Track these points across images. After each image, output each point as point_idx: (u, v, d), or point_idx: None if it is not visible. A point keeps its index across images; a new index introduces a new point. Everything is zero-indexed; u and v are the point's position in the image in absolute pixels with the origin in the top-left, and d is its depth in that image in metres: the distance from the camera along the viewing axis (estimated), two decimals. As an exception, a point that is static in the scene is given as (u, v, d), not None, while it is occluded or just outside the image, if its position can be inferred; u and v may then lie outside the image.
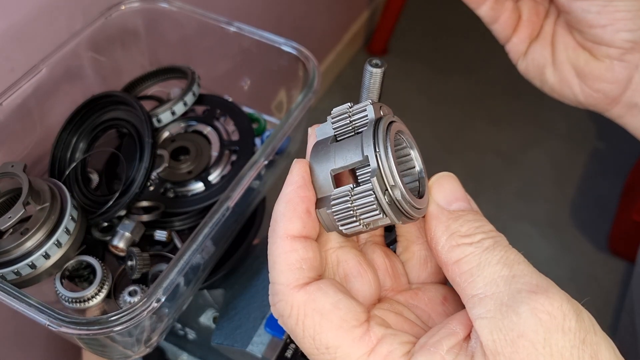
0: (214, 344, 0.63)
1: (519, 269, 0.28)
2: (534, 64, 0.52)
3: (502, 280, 0.28)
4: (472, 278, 0.29)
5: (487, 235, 0.30)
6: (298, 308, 0.29)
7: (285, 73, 0.71)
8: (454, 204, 0.32)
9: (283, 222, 0.31)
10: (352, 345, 0.29)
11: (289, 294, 0.30)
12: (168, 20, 0.73)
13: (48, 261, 0.54)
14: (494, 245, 0.29)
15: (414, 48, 2.13)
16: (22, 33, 0.70)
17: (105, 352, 0.58)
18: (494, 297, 0.27)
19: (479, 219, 0.31)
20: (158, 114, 0.66)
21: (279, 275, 0.30)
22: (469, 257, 0.29)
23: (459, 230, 0.30)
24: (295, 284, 0.30)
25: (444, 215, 0.31)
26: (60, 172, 0.65)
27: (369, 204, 0.31)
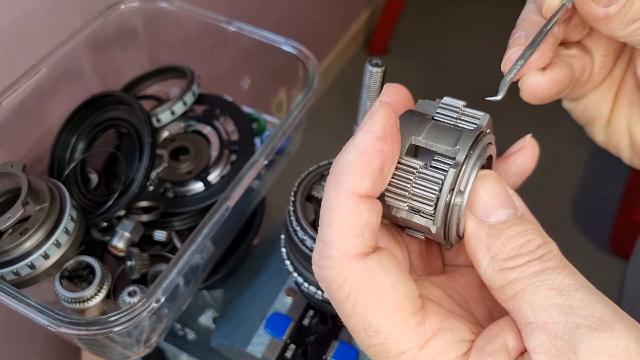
0: (214, 345, 0.63)
1: (576, 297, 0.25)
2: (584, 113, 0.42)
3: (555, 309, 0.25)
4: (519, 304, 0.26)
5: (533, 255, 0.27)
6: (353, 282, 0.26)
7: (285, 73, 0.71)
8: (494, 215, 0.28)
9: (352, 176, 0.27)
10: (405, 335, 0.26)
11: (345, 263, 0.26)
12: (168, 19, 0.73)
13: (47, 261, 0.54)
14: (542, 269, 0.26)
15: (414, 48, 2.13)
16: (22, 32, 0.70)
17: (105, 352, 0.58)
18: (546, 327, 0.25)
19: (524, 231, 0.28)
20: (157, 113, 0.66)
21: (336, 239, 0.26)
22: (513, 282, 0.26)
23: (501, 252, 0.27)
24: (354, 253, 0.26)
25: (483, 232, 0.28)
26: (60, 172, 0.65)
27: (429, 190, 0.28)
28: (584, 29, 0.37)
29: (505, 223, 0.28)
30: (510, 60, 0.34)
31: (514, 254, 0.27)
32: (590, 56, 0.38)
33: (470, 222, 0.29)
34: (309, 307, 0.61)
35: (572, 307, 0.25)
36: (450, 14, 2.24)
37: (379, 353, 0.26)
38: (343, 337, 0.59)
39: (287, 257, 0.55)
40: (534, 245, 0.27)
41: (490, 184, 0.29)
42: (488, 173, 0.30)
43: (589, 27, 0.37)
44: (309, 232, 0.49)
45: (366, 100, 0.37)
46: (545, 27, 0.33)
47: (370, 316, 0.26)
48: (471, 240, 0.28)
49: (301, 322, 0.60)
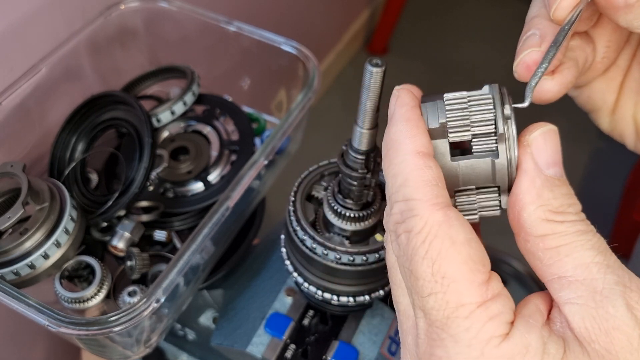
0: (214, 345, 0.63)
1: (612, 259, 0.27)
2: (589, 101, 0.42)
3: (596, 267, 0.27)
4: (560, 257, 0.28)
5: (579, 217, 0.29)
6: (432, 226, 0.28)
7: (285, 73, 0.71)
8: (552, 169, 0.30)
9: (409, 138, 0.30)
10: (469, 287, 0.27)
11: (426, 210, 0.28)
12: (168, 19, 0.73)
13: (47, 261, 0.54)
14: (586, 230, 0.28)
15: (414, 48, 2.13)
16: (22, 32, 0.70)
17: (105, 352, 0.58)
18: (585, 282, 0.27)
19: (572, 194, 0.29)
20: (157, 113, 0.66)
21: (415, 191, 0.28)
22: (558, 235, 0.28)
23: (551, 204, 0.29)
24: (434, 200, 0.28)
25: (539, 179, 0.29)
26: (60, 172, 0.65)
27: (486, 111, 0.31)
28: (591, 21, 0.37)
29: (559, 179, 0.29)
30: (525, 62, 0.33)
31: (562, 210, 0.28)
32: (593, 45, 0.38)
33: (530, 164, 0.30)
34: (309, 307, 0.61)
35: (610, 266, 0.27)
36: (450, 14, 2.24)
37: (438, 303, 0.27)
38: (343, 337, 0.59)
39: (287, 257, 0.55)
40: (577, 209, 0.29)
41: (555, 139, 0.31)
42: (553, 128, 0.31)
43: (596, 18, 0.37)
44: (309, 232, 0.50)
45: (366, 100, 0.37)
46: (567, 25, 0.32)
47: (440, 259, 0.27)
48: (525, 182, 0.29)
49: (301, 322, 0.60)
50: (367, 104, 0.37)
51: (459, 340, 0.27)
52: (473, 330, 0.27)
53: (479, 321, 0.27)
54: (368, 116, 0.38)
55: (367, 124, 0.39)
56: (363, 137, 0.40)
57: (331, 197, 0.48)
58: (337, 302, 0.53)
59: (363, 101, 0.37)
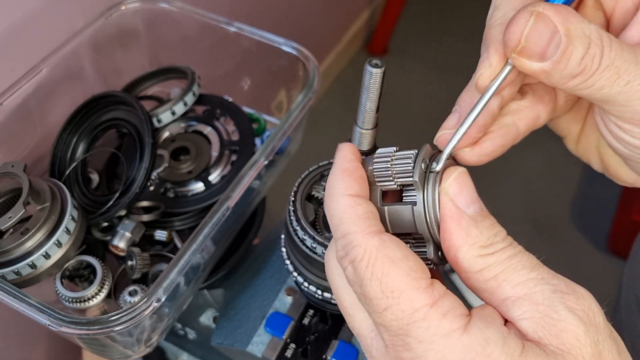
0: (214, 344, 0.63)
1: (544, 271, 0.30)
2: (556, 129, 0.44)
3: (532, 282, 0.30)
4: (499, 283, 0.30)
5: (505, 243, 0.31)
6: (371, 251, 0.31)
7: (285, 73, 0.71)
8: (471, 207, 0.32)
9: (342, 184, 0.33)
10: (416, 293, 0.30)
11: (363, 239, 0.31)
12: (168, 20, 0.74)
13: (48, 261, 0.54)
14: (515, 253, 0.31)
15: (414, 48, 2.13)
16: (23, 33, 0.70)
17: (106, 351, 0.58)
18: (526, 298, 0.30)
19: (494, 224, 0.32)
20: (158, 114, 0.66)
21: (350, 226, 0.32)
22: (492, 265, 0.31)
23: (480, 240, 0.31)
24: (369, 230, 0.31)
25: (464, 220, 0.32)
26: (61, 172, 0.65)
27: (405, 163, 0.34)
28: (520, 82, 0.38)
29: (480, 215, 0.32)
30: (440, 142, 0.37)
31: (489, 242, 0.31)
32: (550, 96, 0.39)
33: (453, 209, 0.32)
34: (309, 306, 0.61)
35: (544, 278, 0.30)
36: (450, 15, 2.25)
37: (394, 314, 0.30)
38: (343, 337, 0.59)
39: (287, 257, 0.55)
40: (502, 236, 0.32)
41: (467, 179, 0.33)
42: (462, 170, 0.34)
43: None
44: (309, 232, 0.50)
45: (366, 101, 0.37)
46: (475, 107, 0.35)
47: (385, 277, 0.30)
48: (452, 224, 0.32)
49: (301, 321, 0.60)
50: (366, 105, 0.37)
51: (422, 339, 0.29)
52: (432, 328, 0.29)
53: (435, 318, 0.29)
54: (368, 116, 0.38)
55: (366, 124, 0.39)
56: (363, 138, 0.40)
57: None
58: (337, 301, 0.53)
59: (363, 102, 0.37)
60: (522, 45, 0.31)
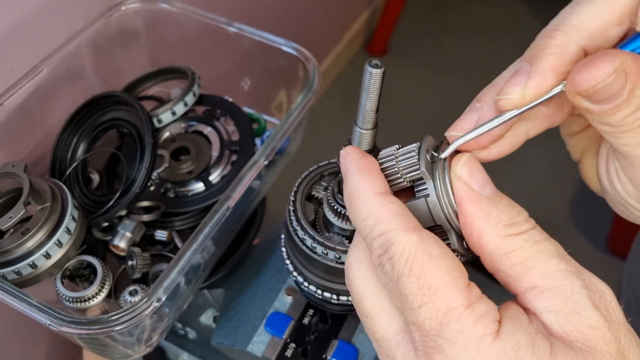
0: (214, 344, 0.63)
1: (572, 263, 0.30)
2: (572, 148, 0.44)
3: (562, 275, 0.29)
4: (527, 270, 0.30)
5: (530, 224, 0.31)
6: (410, 247, 0.30)
7: (285, 73, 0.71)
8: (487, 188, 0.32)
9: (367, 184, 0.33)
10: (454, 292, 0.29)
11: (402, 235, 0.30)
12: (168, 20, 0.74)
13: (49, 261, 0.54)
14: (543, 238, 0.30)
15: (414, 48, 2.13)
16: (23, 33, 0.70)
17: (106, 351, 0.58)
18: (556, 290, 0.29)
19: (513, 204, 0.31)
20: (158, 114, 0.67)
21: (388, 225, 0.31)
22: (520, 249, 0.30)
23: (502, 219, 0.31)
24: (407, 226, 0.31)
25: (482, 201, 0.31)
26: (61, 172, 0.65)
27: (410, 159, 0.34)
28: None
29: (498, 195, 0.32)
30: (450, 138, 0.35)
31: (513, 221, 0.30)
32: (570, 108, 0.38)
33: (468, 192, 0.32)
34: (309, 306, 0.61)
35: (573, 271, 0.29)
36: (450, 14, 2.25)
37: (429, 312, 0.29)
38: (343, 336, 0.59)
39: (287, 257, 0.55)
40: (525, 216, 0.31)
41: (476, 163, 0.33)
42: (470, 155, 0.34)
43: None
44: (309, 232, 0.50)
45: (366, 101, 0.37)
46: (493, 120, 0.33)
47: (424, 273, 0.29)
48: (470, 207, 0.31)
49: (301, 321, 0.60)
50: (366, 105, 0.37)
51: (455, 342, 0.28)
52: (466, 331, 0.28)
53: (469, 321, 0.28)
54: (368, 117, 0.38)
55: (366, 124, 0.39)
56: (363, 138, 0.40)
57: (331, 197, 0.48)
58: (337, 301, 0.53)
59: (362, 102, 0.37)
60: (590, 92, 0.30)
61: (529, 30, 0.50)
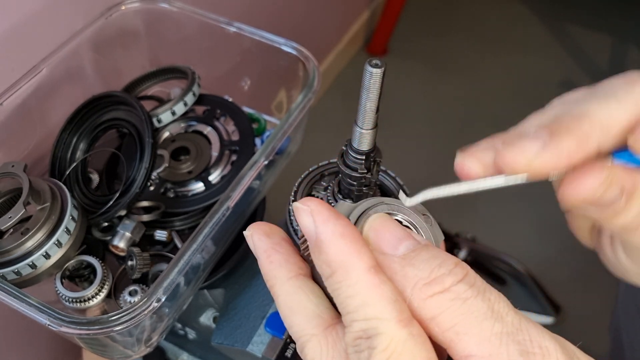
0: (214, 344, 0.63)
1: (510, 322, 0.26)
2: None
3: (497, 339, 0.26)
4: (459, 337, 0.26)
5: (455, 277, 0.27)
6: (397, 344, 0.27)
7: (285, 73, 0.71)
8: (401, 247, 0.28)
9: (355, 257, 0.28)
10: None
11: (392, 328, 0.27)
12: (168, 20, 0.74)
13: (48, 261, 0.54)
14: (475, 294, 0.27)
15: (414, 48, 2.13)
16: (23, 33, 0.70)
17: (106, 351, 0.58)
18: (492, 359, 0.26)
19: (436, 254, 0.28)
20: (158, 114, 0.66)
21: (379, 310, 0.27)
22: (447, 312, 0.27)
23: (422, 277, 0.27)
24: (399, 317, 0.27)
25: (395, 264, 0.28)
26: (61, 172, 0.65)
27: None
28: None
29: (414, 251, 0.28)
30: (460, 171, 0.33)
31: (434, 276, 0.27)
32: None
33: (380, 258, 0.28)
34: (309, 306, 0.61)
35: (510, 333, 0.26)
36: (450, 14, 2.25)
37: None
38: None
39: (287, 257, 0.55)
40: (451, 264, 0.27)
41: (388, 222, 0.30)
42: (378, 215, 0.30)
43: None
44: (309, 232, 0.50)
45: (366, 101, 0.37)
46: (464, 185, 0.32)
47: None
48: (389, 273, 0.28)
49: (301, 321, 0.60)
50: (366, 105, 0.37)
51: None
52: None
53: None
54: (368, 117, 0.38)
55: (366, 124, 0.39)
56: (363, 138, 0.40)
57: (331, 197, 0.48)
58: (337, 301, 0.53)
59: (363, 102, 0.37)
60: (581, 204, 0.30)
61: (529, 31, 0.49)
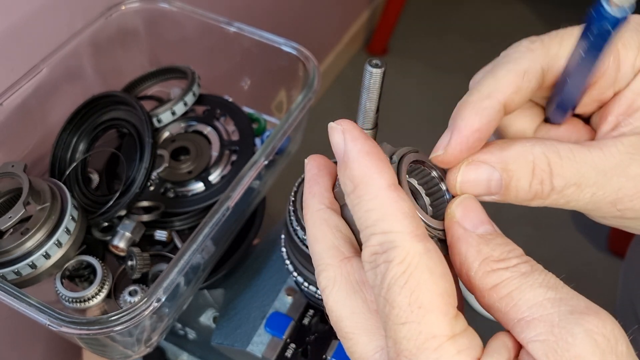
0: (214, 344, 0.63)
1: (563, 291, 0.28)
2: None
3: (549, 303, 0.28)
4: (514, 302, 0.28)
5: (521, 259, 0.29)
6: (413, 257, 0.28)
7: (285, 73, 0.71)
8: (481, 228, 0.31)
9: (377, 172, 0.30)
10: (442, 320, 0.28)
11: (408, 241, 0.29)
12: (168, 20, 0.74)
13: (48, 261, 0.54)
14: (532, 270, 0.29)
15: (414, 48, 2.13)
16: (23, 33, 0.70)
17: (106, 351, 0.58)
18: (542, 319, 0.27)
19: (509, 242, 0.30)
20: (158, 114, 0.66)
21: (394, 224, 0.29)
22: (506, 281, 0.29)
23: (492, 255, 0.30)
24: (415, 232, 0.29)
25: (473, 239, 0.31)
26: (61, 172, 0.65)
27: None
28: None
29: (491, 234, 0.31)
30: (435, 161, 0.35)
31: (503, 257, 0.29)
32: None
33: (460, 230, 0.31)
34: (309, 306, 0.61)
35: (563, 299, 0.28)
36: (450, 14, 2.25)
37: (410, 332, 0.28)
38: (343, 337, 0.59)
39: (287, 257, 0.55)
40: (518, 253, 0.30)
41: (477, 204, 0.32)
42: (468, 196, 0.33)
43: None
44: (309, 232, 0.50)
45: (366, 101, 0.37)
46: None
47: (418, 290, 0.28)
48: (461, 245, 0.31)
49: (301, 321, 0.60)
50: (366, 105, 0.37)
51: None
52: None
53: (447, 353, 0.27)
54: (368, 116, 0.38)
55: (367, 124, 0.39)
56: (363, 138, 0.40)
57: (331, 197, 0.48)
58: (337, 301, 0.53)
59: (363, 102, 0.37)
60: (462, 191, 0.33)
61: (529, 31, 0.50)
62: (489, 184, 0.33)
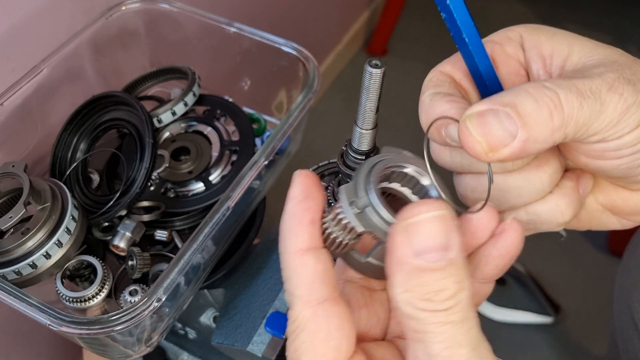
0: (215, 344, 0.63)
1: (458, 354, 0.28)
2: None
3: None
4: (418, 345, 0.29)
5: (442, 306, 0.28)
6: (301, 320, 0.31)
7: (285, 73, 0.71)
8: (424, 256, 0.28)
9: (290, 237, 0.32)
10: None
11: (299, 306, 0.31)
12: (168, 20, 0.74)
13: (49, 261, 0.54)
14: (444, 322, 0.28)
15: (414, 48, 2.13)
16: (23, 33, 0.70)
17: (106, 351, 0.58)
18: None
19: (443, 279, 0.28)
20: (159, 114, 0.67)
21: (294, 288, 0.31)
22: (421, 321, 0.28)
23: (417, 291, 0.28)
24: (309, 298, 0.31)
25: (407, 267, 0.28)
26: (61, 172, 0.65)
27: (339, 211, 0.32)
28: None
29: (430, 267, 0.28)
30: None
31: (427, 298, 0.28)
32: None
33: (397, 255, 0.29)
34: (309, 306, 0.61)
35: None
36: (450, 15, 2.25)
37: None
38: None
39: (288, 257, 0.55)
40: (446, 295, 0.28)
41: (433, 226, 0.29)
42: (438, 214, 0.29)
43: None
44: (309, 232, 0.50)
45: (366, 101, 0.37)
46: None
47: (300, 351, 0.31)
48: (394, 266, 0.29)
49: (301, 321, 0.60)
50: (366, 105, 0.37)
51: None
52: None
53: None
54: (368, 117, 0.38)
55: (366, 124, 0.39)
56: (363, 138, 0.40)
57: (331, 197, 0.48)
58: (337, 301, 0.53)
59: (363, 102, 0.37)
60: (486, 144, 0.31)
61: (529, 31, 0.50)
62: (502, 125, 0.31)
